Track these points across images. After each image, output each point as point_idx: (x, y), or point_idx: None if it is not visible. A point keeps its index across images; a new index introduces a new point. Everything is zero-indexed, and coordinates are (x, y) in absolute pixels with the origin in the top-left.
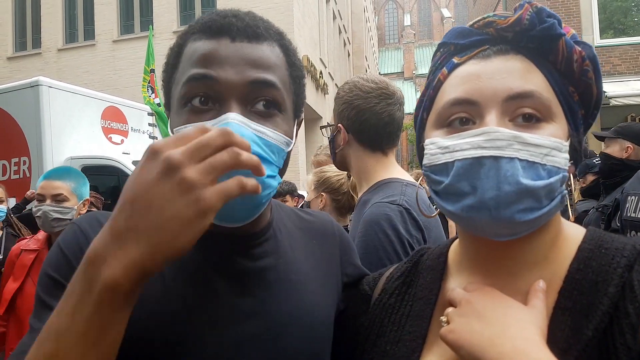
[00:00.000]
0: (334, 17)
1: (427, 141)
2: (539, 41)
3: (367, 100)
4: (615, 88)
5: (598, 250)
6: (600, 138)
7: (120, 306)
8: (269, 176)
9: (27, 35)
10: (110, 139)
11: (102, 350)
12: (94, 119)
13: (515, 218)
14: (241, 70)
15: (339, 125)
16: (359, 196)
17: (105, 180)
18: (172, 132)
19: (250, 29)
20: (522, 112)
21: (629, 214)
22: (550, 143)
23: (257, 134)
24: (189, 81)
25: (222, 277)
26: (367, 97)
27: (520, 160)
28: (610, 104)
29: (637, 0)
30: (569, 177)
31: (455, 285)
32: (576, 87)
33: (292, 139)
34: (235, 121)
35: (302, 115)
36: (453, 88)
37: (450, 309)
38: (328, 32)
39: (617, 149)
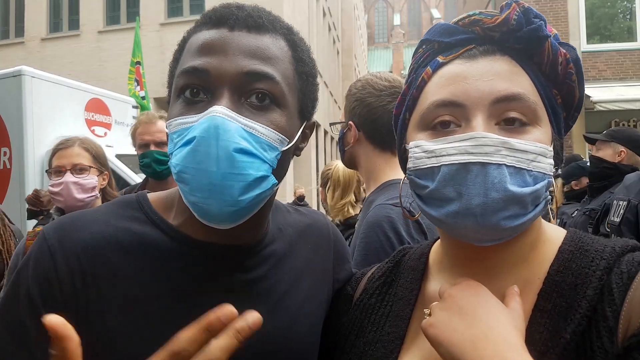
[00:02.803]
0: (324, 14)
1: (411, 144)
2: (525, 42)
3: (379, 98)
4: (600, 93)
5: (578, 252)
6: (591, 140)
7: None
8: (260, 177)
9: (10, 23)
10: (93, 132)
11: None
12: (78, 110)
13: (501, 225)
14: (235, 59)
15: (350, 122)
16: (366, 196)
17: None
18: (167, 126)
19: (252, 19)
20: (509, 115)
21: (612, 218)
22: (536, 149)
23: (246, 128)
24: (182, 74)
25: (210, 292)
26: (379, 95)
27: (507, 166)
28: (595, 109)
29: (623, 7)
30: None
31: (436, 285)
32: (559, 90)
33: (290, 137)
34: (220, 114)
35: (313, 118)
36: (438, 89)
37: (434, 303)
38: (318, 29)
39: (610, 152)
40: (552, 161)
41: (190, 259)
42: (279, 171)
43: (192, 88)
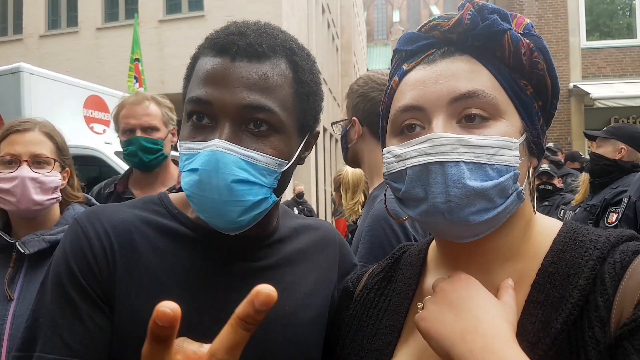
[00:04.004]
0: (323, 11)
1: (384, 150)
2: (483, 39)
3: (383, 92)
4: (600, 90)
5: (573, 242)
6: (591, 137)
7: None
8: (258, 201)
9: (8, 20)
10: (92, 129)
11: None
12: (76, 107)
13: (469, 220)
14: (236, 92)
15: (354, 118)
16: (370, 192)
17: (86, 170)
18: (178, 145)
19: (252, 47)
20: (468, 112)
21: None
22: (497, 142)
23: (244, 158)
24: (189, 101)
25: (223, 276)
26: (383, 88)
27: (465, 162)
28: (595, 106)
29: (622, 3)
30: (532, 172)
31: (433, 280)
32: (529, 80)
33: (289, 158)
34: (219, 149)
35: (317, 128)
36: (402, 95)
37: (427, 297)
38: (317, 26)
39: (610, 149)
40: (517, 153)
41: (205, 247)
42: (280, 188)
43: (199, 114)
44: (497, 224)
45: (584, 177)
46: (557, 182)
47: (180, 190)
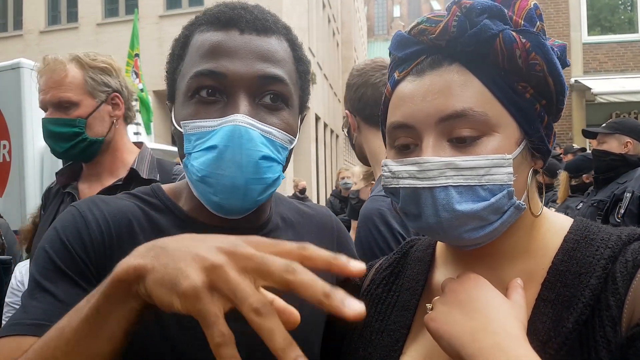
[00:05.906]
0: (324, 6)
1: (382, 162)
2: (474, 44)
3: (362, 76)
4: (601, 85)
5: (584, 240)
6: (590, 135)
7: (119, 299)
8: (277, 177)
9: (8, 16)
10: None
11: (101, 338)
12: None
13: (464, 237)
14: (250, 63)
15: (346, 112)
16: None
17: None
18: (179, 125)
19: (259, 22)
20: (458, 133)
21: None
22: (487, 162)
23: (264, 134)
24: (197, 76)
25: None
26: (361, 72)
27: (454, 186)
28: (596, 101)
29: None
30: (539, 172)
31: (442, 277)
32: (527, 81)
33: (295, 135)
34: (242, 123)
35: (306, 111)
36: (394, 109)
37: (436, 298)
38: (317, 21)
39: (616, 144)
40: (510, 170)
41: None
42: (285, 166)
43: (209, 88)
44: (497, 235)
45: (563, 176)
46: (540, 179)
47: (126, 181)
